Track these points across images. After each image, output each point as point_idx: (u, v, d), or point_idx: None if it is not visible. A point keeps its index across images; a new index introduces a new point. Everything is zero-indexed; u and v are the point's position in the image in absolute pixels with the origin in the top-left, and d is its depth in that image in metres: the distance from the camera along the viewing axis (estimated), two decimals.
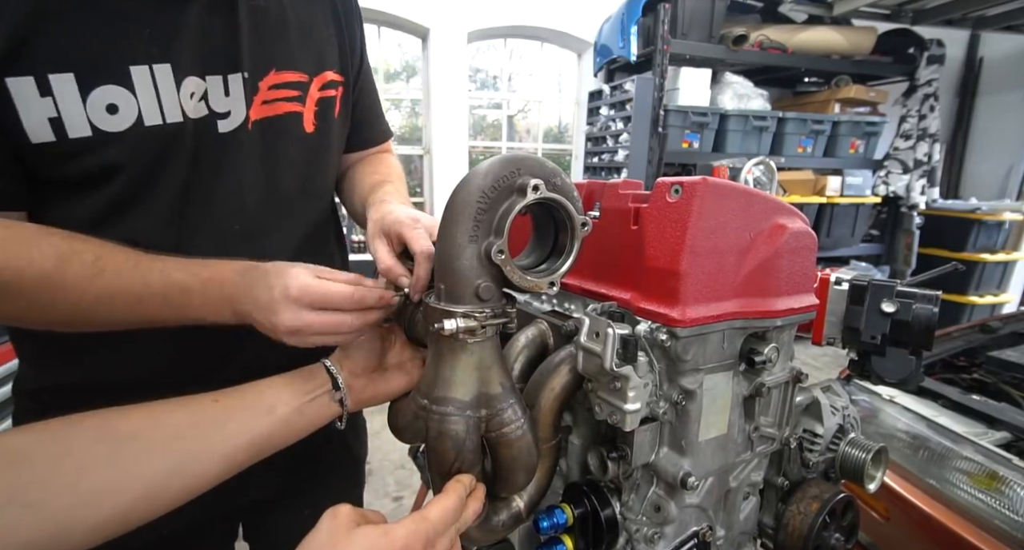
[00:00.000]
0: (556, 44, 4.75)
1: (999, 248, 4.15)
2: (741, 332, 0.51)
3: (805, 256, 0.53)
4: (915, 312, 0.55)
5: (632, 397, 0.43)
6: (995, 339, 1.79)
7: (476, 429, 0.47)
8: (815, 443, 0.58)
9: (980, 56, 4.92)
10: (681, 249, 0.46)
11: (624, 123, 3.81)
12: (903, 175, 4.17)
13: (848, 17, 4.06)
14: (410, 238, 0.58)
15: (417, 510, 0.43)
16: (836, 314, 0.60)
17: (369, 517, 0.43)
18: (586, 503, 0.52)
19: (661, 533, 0.52)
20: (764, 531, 0.60)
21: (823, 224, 4.04)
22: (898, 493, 1.23)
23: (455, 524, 0.43)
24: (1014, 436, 1.27)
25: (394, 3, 3.95)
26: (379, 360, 0.59)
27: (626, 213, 0.52)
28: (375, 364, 0.59)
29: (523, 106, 5.36)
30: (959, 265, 0.90)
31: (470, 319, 0.45)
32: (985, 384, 1.57)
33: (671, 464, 0.50)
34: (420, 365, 0.62)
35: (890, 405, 1.42)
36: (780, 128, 3.87)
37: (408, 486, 2.33)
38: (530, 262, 0.50)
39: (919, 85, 4.13)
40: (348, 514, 0.41)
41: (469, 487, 0.46)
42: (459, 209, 0.45)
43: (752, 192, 0.50)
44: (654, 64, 3.53)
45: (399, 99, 4.86)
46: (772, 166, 3.03)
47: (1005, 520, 1.08)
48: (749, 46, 3.70)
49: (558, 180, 0.47)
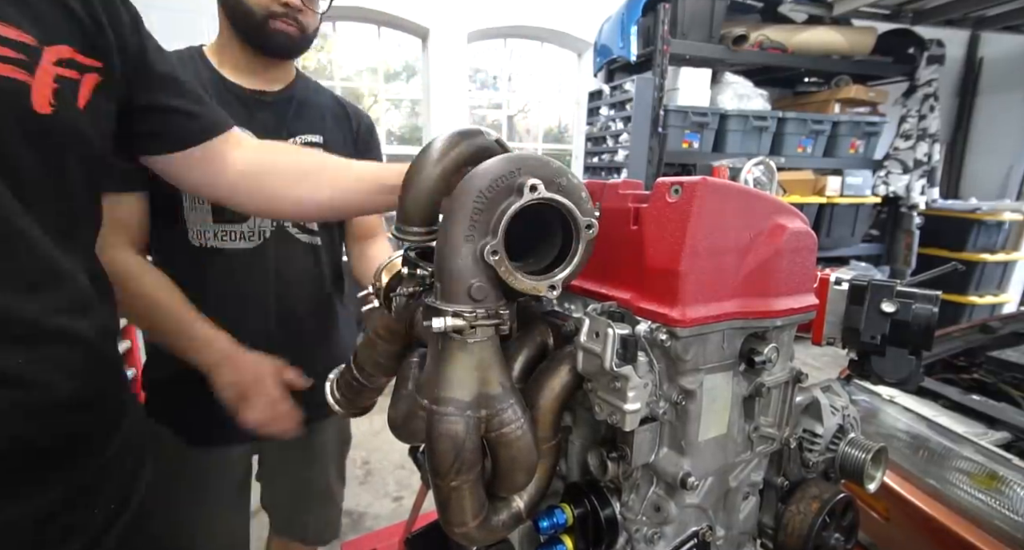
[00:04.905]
0: (556, 44, 4.75)
1: (999, 248, 4.14)
2: (741, 332, 0.51)
3: (805, 256, 0.53)
4: (915, 312, 0.55)
5: (632, 397, 0.43)
6: (995, 339, 1.79)
7: (476, 429, 0.47)
8: (815, 443, 0.58)
9: (980, 56, 4.91)
10: (681, 249, 0.46)
11: (624, 123, 3.81)
12: (903, 175, 4.17)
13: (848, 17, 4.06)
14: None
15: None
16: (836, 314, 0.60)
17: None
18: (586, 503, 0.52)
19: (661, 533, 0.52)
20: (764, 531, 0.60)
21: (823, 224, 4.04)
22: (898, 493, 1.23)
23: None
24: (1014, 436, 1.27)
25: (394, 3, 3.95)
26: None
27: (626, 213, 0.52)
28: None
29: (523, 106, 5.37)
30: (959, 265, 0.90)
31: (459, 318, 0.45)
32: (985, 384, 1.57)
33: (671, 464, 0.50)
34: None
35: (890, 405, 1.42)
36: (780, 128, 3.87)
37: (408, 486, 2.33)
38: (538, 264, 0.50)
39: (919, 85, 4.13)
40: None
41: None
42: (456, 208, 0.45)
43: (752, 192, 0.50)
44: (654, 64, 3.52)
45: (399, 99, 4.86)
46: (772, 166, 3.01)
47: (1005, 520, 1.08)
48: (749, 46, 3.70)
49: (563, 181, 0.47)
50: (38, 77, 0.49)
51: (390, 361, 0.69)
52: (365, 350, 0.70)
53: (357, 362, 0.71)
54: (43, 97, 0.50)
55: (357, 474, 2.44)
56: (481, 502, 0.49)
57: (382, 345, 0.68)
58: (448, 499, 0.48)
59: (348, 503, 2.20)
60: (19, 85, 0.48)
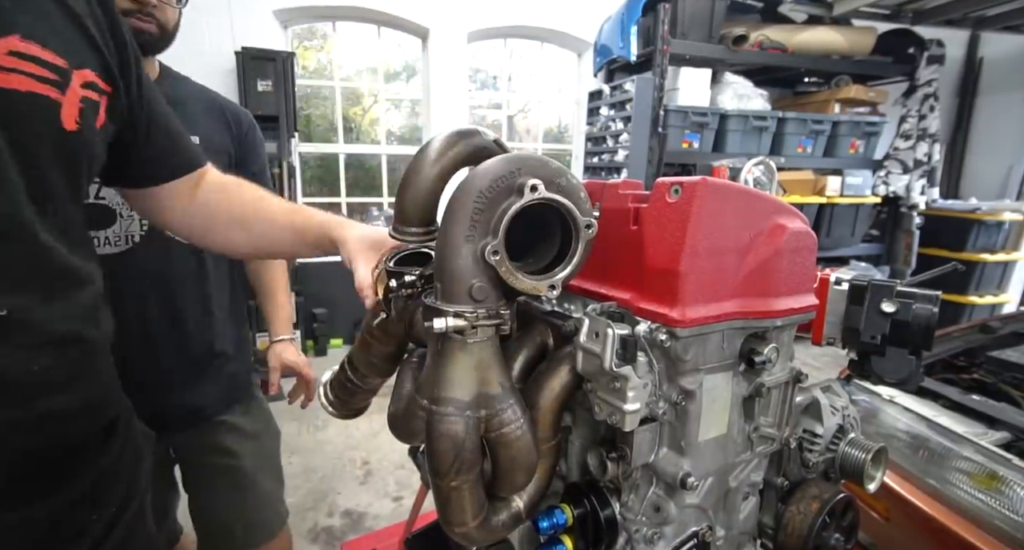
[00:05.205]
0: (556, 44, 4.75)
1: (999, 248, 4.15)
2: (741, 332, 0.51)
3: (805, 256, 0.53)
4: (915, 312, 0.55)
5: (632, 397, 0.43)
6: (995, 339, 1.79)
7: (476, 429, 0.47)
8: (815, 443, 0.58)
9: (980, 56, 4.92)
10: (681, 249, 0.46)
11: (624, 123, 3.81)
12: (903, 175, 4.17)
13: (848, 17, 4.06)
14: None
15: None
16: (836, 314, 0.60)
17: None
18: (586, 503, 0.52)
19: (661, 533, 0.52)
20: (764, 531, 0.60)
21: (823, 224, 4.04)
22: (898, 493, 1.23)
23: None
24: (1014, 436, 1.27)
25: (394, 3, 3.95)
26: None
27: (626, 213, 0.52)
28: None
29: (523, 106, 5.37)
30: (959, 265, 0.90)
31: (460, 319, 0.45)
32: (985, 384, 1.57)
33: (671, 464, 0.50)
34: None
35: (890, 405, 1.42)
36: (780, 128, 3.87)
37: (408, 486, 2.33)
38: (537, 264, 0.50)
39: (919, 85, 4.13)
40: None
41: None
42: (456, 208, 0.45)
43: (752, 192, 0.50)
44: (654, 64, 3.53)
45: (399, 99, 4.86)
46: (772, 166, 3.02)
47: (1005, 520, 1.08)
48: (749, 46, 3.70)
49: (563, 181, 0.47)
50: (68, 97, 0.54)
51: (384, 362, 0.69)
52: (359, 351, 0.70)
53: (351, 363, 0.71)
54: (71, 115, 0.55)
55: (357, 474, 2.44)
56: (481, 502, 0.49)
57: (376, 346, 0.68)
58: (448, 499, 0.48)
59: (348, 503, 2.21)
60: (52, 103, 0.53)
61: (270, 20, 3.73)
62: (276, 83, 3.39)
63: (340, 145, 4.36)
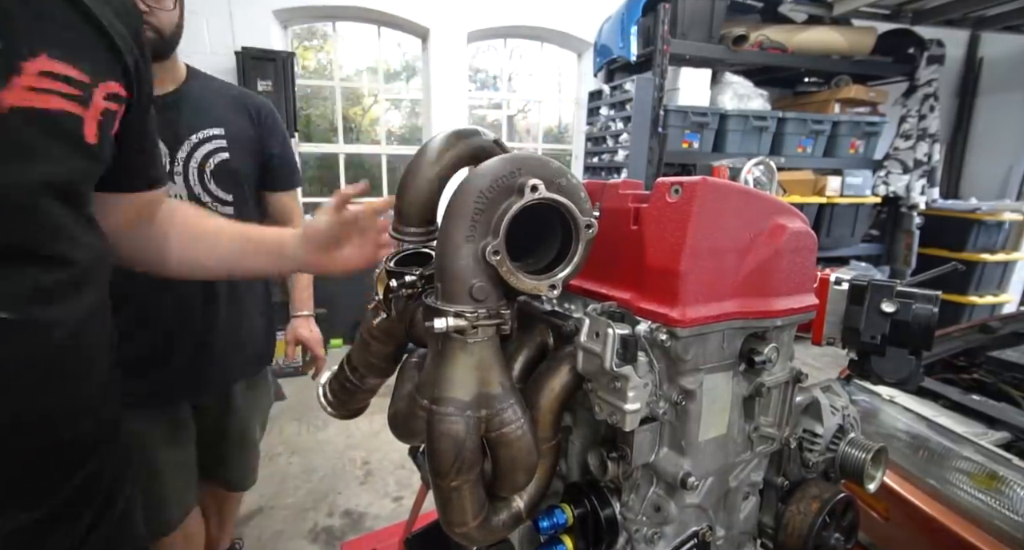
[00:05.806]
0: (556, 44, 4.75)
1: (999, 248, 4.15)
2: (741, 332, 0.51)
3: (805, 256, 0.53)
4: (915, 312, 0.55)
5: (632, 397, 0.43)
6: (995, 339, 1.79)
7: (476, 429, 0.47)
8: (815, 443, 0.58)
9: (980, 56, 4.91)
10: (681, 249, 0.46)
11: (624, 123, 3.81)
12: (903, 175, 4.17)
13: (848, 17, 4.06)
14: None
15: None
16: (836, 314, 0.60)
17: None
18: (586, 503, 0.52)
19: (661, 533, 0.52)
20: (764, 531, 0.60)
21: (823, 224, 4.04)
22: (898, 493, 1.23)
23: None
24: (1014, 436, 1.27)
25: (394, 3, 3.95)
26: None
27: (626, 213, 0.52)
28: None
29: (523, 106, 5.36)
30: (959, 265, 0.90)
31: (461, 318, 0.45)
32: (985, 384, 1.57)
33: (671, 464, 0.50)
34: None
35: (890, 405, 1.42)
36: (780, 128, 3.87)
37: (408, 486, 2.33)
38: (537, 264, 0.50)
39: (919, 85, 4.13)
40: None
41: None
42: (457, 208, 0.45)
43: (752, 192, 0.50)
44: (654, 64, 3.52)
45: (399, 99, 4.86)
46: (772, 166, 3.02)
47: (1005, 520, 1.08)
48: (749, 46, 3.70)
49: (563, 181, 0.47)
50: (90, 112, 0.56)
51: (383, 362, 0.69)
52: (358, 351, 0.70)
53: (351, 363, 0.71)
54: (91, 129, 0.56)
55: (357, 474, 2.44)
56: (481, 502, 0.50)
57: (375, 346, 0.68)
58: (448, 499, 0.48)
59: (348, 503, 2.21)
60: (76, 119, 0.55)
61: (270, 20, 3.73)
62: (276, 83, 3.40)
63: (340, 145, 4.36)
